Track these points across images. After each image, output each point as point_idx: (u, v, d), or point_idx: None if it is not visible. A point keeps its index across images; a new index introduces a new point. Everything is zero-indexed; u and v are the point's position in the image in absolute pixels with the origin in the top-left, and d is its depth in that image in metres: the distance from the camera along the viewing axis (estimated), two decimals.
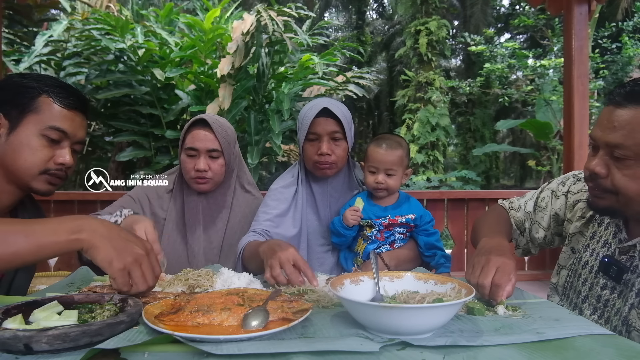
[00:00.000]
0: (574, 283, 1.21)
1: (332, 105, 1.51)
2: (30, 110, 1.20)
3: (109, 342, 0.72)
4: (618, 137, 0.99)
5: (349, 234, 1.51)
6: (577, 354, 0.74)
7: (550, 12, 3.78)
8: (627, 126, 0.98)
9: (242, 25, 4.58)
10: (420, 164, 11.54)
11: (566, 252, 1.29)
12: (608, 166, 1.03)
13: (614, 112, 1.01)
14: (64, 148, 1.24)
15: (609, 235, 1.16)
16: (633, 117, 0.97)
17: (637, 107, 0.97)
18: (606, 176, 1.04)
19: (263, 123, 5.03)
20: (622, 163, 1.00)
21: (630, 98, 0.99)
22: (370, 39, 17.17)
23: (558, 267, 1.30)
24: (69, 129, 1.23)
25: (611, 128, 1.01)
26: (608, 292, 1.11)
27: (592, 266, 1.17)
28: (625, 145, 0.98)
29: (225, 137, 1.61)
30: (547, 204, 1.37)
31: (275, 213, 1.56)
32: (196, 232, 1.64)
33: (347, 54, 6.80)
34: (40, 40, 4.57)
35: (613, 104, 1.02)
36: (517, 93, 10.51)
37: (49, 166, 1.22)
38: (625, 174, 1.00)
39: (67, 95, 1.24)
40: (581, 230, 1.26)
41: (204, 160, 1.58)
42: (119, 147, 5.34)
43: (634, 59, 9.54)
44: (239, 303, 0.89)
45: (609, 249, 1.15)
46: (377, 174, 1.50)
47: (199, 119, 1.61)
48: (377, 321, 0.79)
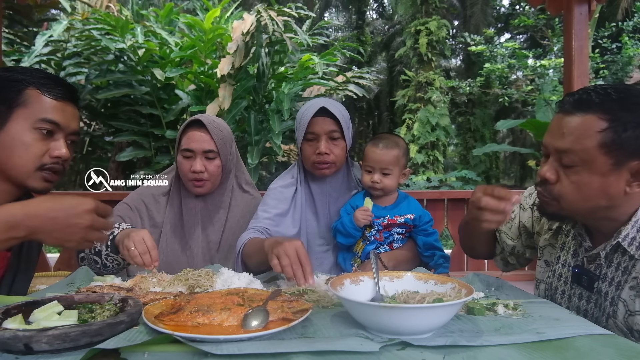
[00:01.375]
0: (553, 296, 1.21)
1: (329, 105, 1.51)
2: (18, 104, 1.15)
3: (109, 342, 0.72)
4: (566, 143, 1.01)
5: (359, 234, 1.50)
6: (577, 354, 0.74)
7: (550, 12, 3.77)
8: (575, 132, 1.00)
9: (242, 25, 4.58)
10: (420, 164, 11.53)
11: (541, 265, 1.29)
12: (558, 173, 1.05)
13: (563, 119, 1.03)
14: (58, 140, 1.20)
15: (576, 245, 1.17)
16: (580, 123, 0.99)
17: (584, 115, 0.99)
18: (555, 182, 1.05)
19: (263, 123, 5.03)
20: (571, 170, 1.02)
21: (578, 106, 1.01)
22: (370, 39, 17.16)
23: (537, 281, 1.30)
24: (60, 120, 1.19)
25: (560, 134, 1.03)
26: (585, 302, 1.11)
27: (566, 278, 1.18)
28: (572, 151, 1.00)
29: (221, 138, 1.60)
30: (515, 216, 1.37)
31: (275, 212, 1.56)
32: (195, 234, 1.64)
33: (347, 54, 6.79)
34: (40, 40, 4.57)
35: (563, 112, 1.04)
36: (517, 93, 10.51)
37: (45, 161, 1.18)
38: (572, 181, 1.02)
39: (54, 86, 1.19)
40: (551, 242, 1.26)
41: (200, 162, 1.57)
42: (119, 147, 5.34)
43: (634, 59, 9.55)
44: (239, 303, 0.89)
45: (577, 259, 1.15)
46: (373, 173, 1.50)
47: (195, 120, 1.60)
48: (377, 321, 0.79)
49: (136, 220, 1.63)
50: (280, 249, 1.14)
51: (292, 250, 1.14)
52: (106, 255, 1.40)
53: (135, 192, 1.70)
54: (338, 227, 1.53)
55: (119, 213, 1.62)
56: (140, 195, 1.68)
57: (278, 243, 1.18)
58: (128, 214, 1.63)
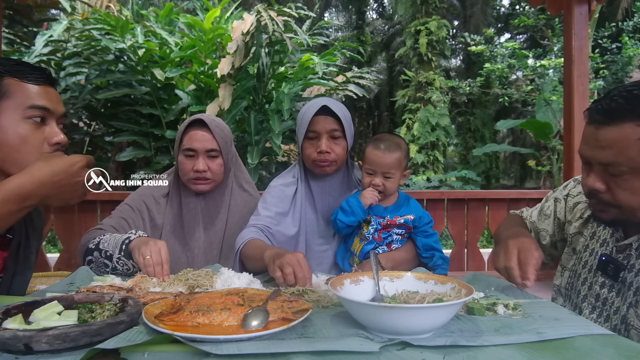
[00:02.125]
0: (574, 283, 1.22)
1: (331, 104, 1.51)
2: (1, 96, 1.10)
3: (109, 342, 0.72)
4: (609, 155, 1.00)
5: (362, 215, 1.47)
6: (577, 354, 0.74)
7: (550, 12, 3.78)
8: (615, 145, 0.99)
9: (242, 25, 4.58)
10: (420, 164, 11.53)
11: (568, 253, 1.30)
12: (606, 181, 1.04)
13: (598, 131, 1.02)
14: (52, 127, 1.16)
15: (607, 234, 1.17)
16: (619, 134, 0.98)
17: (620, 125, 0.98)
18: (606, 191, 1.05)
19: (263, 123, 5.03)
20: (619, 178, 1.01)
21: (610, 116, 1.00)
22: (370, 39, 17.16)
23: (561, 268, 1.31)
24: (48, 104, 1.15)
25: (600, 147, 1.02)
26: (607, 291, 1.12)
27: (591, 265, 1.19)
28: (618, 162, 0.99)
29: (223, 137, 1.60)
30: (551, 212, 1.39)
31: (276, 210, 1.56)
32: (195, 234, 1.64)
33: (347, 54, 6.80)
34: (40, 40, 4.57)
35: (595, 123, 1.03)
36: (517, 93, 10.51)
37: (45, 150, 1.15)
38: (624, 189, 1.01)
39: (30, 71, 1.15)
40: (580, 230, 1.27)
41: (203, 161, 1.57)
42: (119, 147, 5.34)
43: (634, 59, 9.55)
44: (239, 303, 0.89)
45: (607, 248, 1.16)
46: (374, 176, 1.48)
47: (196, 119, 1.60)
48: (377, 321, 0.79)
49: (138, 222, 1.63)
50: (283, 260, 1.15)
51: (294, 261, 1.14)
52: (117, 259, 1.39)
53: (136, 193, 1.70)
54: (343, 205, 1.48)
55: (122, 215, 1.62)
56: (142, 196, 1.68)
57: (280, 255, 1.18)
58: (130, 215, 1.63)
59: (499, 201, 4.16)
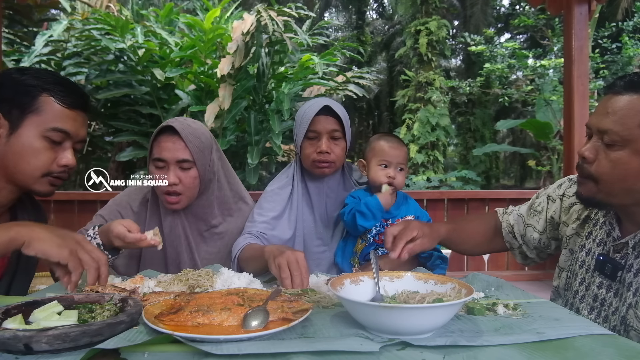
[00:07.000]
0: (572, 283, 1.22)
1: (332, 104, 1.51)
2: (31, 110, 1.15)
3: (109, 342, 0.72)
4: (609, 122, 1.02)
5: (381, 217, 1.47)
6: (577, 354, 0.74)
7: (550, 12, 3.78)
8: (620, 112, 1.01)
9: (242, 25, 4.58)
10: (420, 164, 11.53)
11: (565, 254, 1.29)
12: (597, 152, 1.06)
13: (611, 99, 1.04)
14: (66, 149, 1.21)
15: (604, 234, 1.17)
16: (627, 103, 1.00)
17: (633, 95, 1.00)
18: (593, 161, 1.06)
19: (263, 123, 5.04)
20: (610, 148, 1.03)
21: (628, 86, 1.02)
22: (370, 39, 17.16)
23: (559, 269, 1.31)
24: (71, 129, 1.20)
25: (605, 114, 1.04)
26: (604, 291, 1.11)
27: (588, 265, 1.18)
28: (614, 131, 1.01)
29: (198, 145, 1.43)
30: (542, 208, 1.38)
31: (271, 215, 1.54)
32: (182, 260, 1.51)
33: (347, 54, 6.80)
34: (40, 40, 4.58)
35: (612, 92, 1.05)
36: (517, 93, 10.50)
37: (52, 169, 1.19)
38: (609, 160, 1.03)
39: (68, 94, 1.19)
40: (577, 231, 1.26)
41: (174, 173, 1.41)
42: (119, 147, 5.35)
43: (634, 59, 9.54)
44: (239, 303, 0.89)
45: (604, 247, 1.15)
46: (389, 168, 1.49)
47: (167, 126, 1.43)
48: (377, 321, 0.79)
49: None
50: (283, 258, 1.14)
51: (293, 260, 1.13)
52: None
53: (113, 202, 1.59)
54: (361, 209, 1.45)
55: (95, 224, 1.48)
56: (118, 205, 1.57)
57: (280, 252, 1.17)
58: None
59: (499, 201, 4.17)
